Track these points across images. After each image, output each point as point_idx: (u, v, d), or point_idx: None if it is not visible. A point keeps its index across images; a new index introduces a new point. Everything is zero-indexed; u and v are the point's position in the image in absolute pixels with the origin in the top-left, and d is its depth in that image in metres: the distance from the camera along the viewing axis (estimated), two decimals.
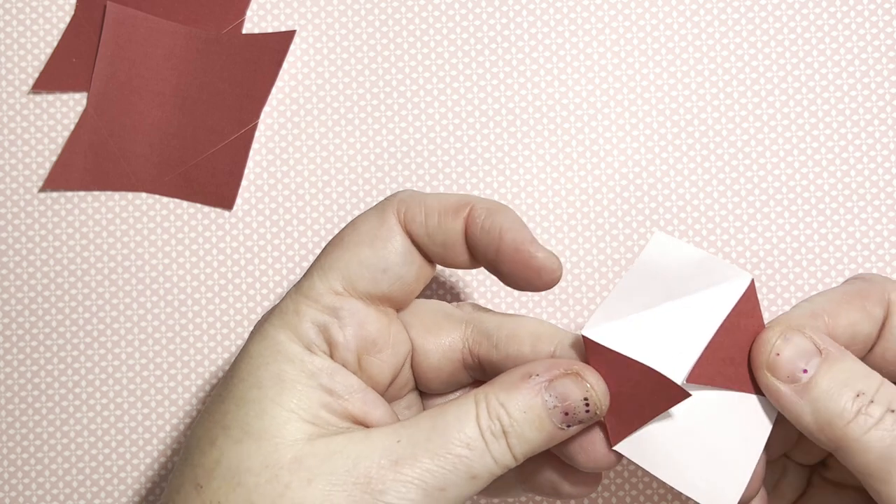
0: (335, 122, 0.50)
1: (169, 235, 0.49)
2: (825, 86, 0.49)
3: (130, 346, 0.49)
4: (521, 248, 0.36)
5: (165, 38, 0.50)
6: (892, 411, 0.33)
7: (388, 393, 0.38)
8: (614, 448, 0.35)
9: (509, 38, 0.50)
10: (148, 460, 0.49)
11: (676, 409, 0.35)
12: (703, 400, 0.36)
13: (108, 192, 0.50)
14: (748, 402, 0.36)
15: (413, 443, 0.33)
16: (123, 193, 0.50)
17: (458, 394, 0.40)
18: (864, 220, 0.48)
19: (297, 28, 0.50)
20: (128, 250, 0.49)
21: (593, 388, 0.35)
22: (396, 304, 0.37)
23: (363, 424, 0.35)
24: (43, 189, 0.50)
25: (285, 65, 0.50)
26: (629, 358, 0.35)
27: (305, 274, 0.37)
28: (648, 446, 0.35)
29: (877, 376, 0.34)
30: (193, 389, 0.49)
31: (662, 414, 0.35)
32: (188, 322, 0.49)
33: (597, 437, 0.36)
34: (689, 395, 0.34)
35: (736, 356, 0.36)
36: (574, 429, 0.35)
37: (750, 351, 0.36)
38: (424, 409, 0.40)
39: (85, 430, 0.49)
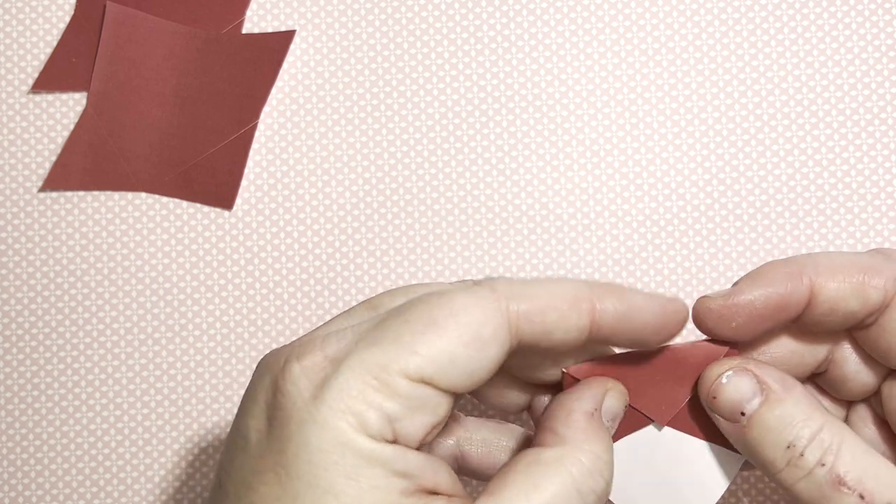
0: (335, 122, 0.50)
1: (169, 235, 0.49)
2: (825, 86, 0.49)
3: (130, 346, 0.49)
4: (670, 323, 0.35)
5: (165, 38, 0.50)
6: (823, 465, 0.33)
7: None
8: None
9: (509, 38, 0.50)
10: (148, 460, 0.49)
11: (641, 441, 0.35)
12: (670, 437, 0.36)
13: (108, 192, 0.50)
14: (715, 448, 0.36)
15: None
16: (123, 193, 0.50)
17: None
18: (865, 220, 0.48)
19: (297, 28, 0.50)
20: (128, 250, 0.49)
21: (623, 394, 0.35)
22: (457, 396, 0.34)
23: (435, 493, 0.33)
24: (42, 189, 0.50)
25: (285, 65, 0.50)
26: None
27: (372, 339, 0.32)
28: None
29: (817, 420, 0.34)
30: (193, 389, 0.49)
31: (626, 442, 0.35)
32: (188, 322, 0.49)
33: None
34: (651, 421, 0.35)
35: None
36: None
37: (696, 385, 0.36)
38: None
39: (85, 430, 0.49)
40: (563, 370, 0.35)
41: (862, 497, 0.32)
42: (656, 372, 0.35)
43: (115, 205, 0.50)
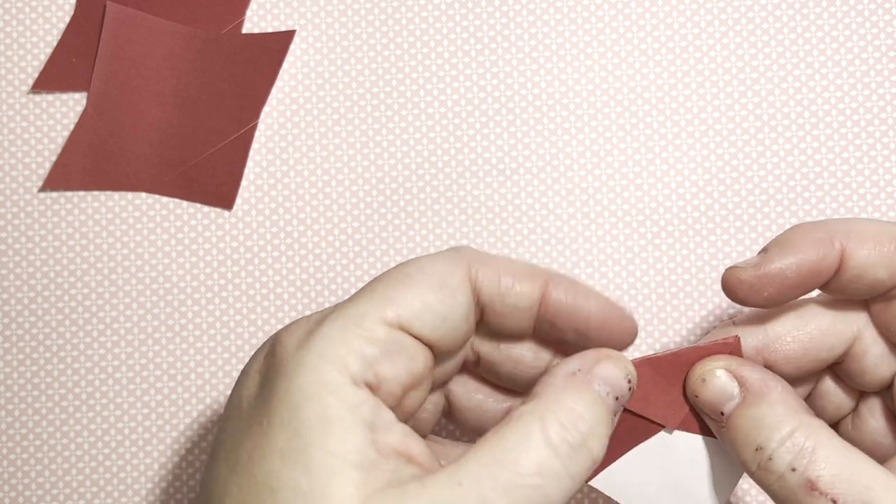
0: (335, 122, 0.50)
1: (169, 235, 0.49)
2: (825, 86, 0.49)
3: (130, 346, 0.49)
4: (612, 325, 0.36)
5: (165, 38, 0.50)
6: (794, 469, 0.33)
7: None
8: (590, 483, 0.36)
9: (509, 38, 0.50)
10: (148, 460, 0.49)
11: (653, 447, 0.35)
12: (681, 439, 0.36)
13: (108, 192, 0.50)
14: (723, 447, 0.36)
15: (477, 482, 0.31)
16: (123, 193, 0.50)
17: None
18: None
19: (297, 28, 0.50)
20: (128, 250, 0.49)
21: (627, 365, 0.35)
22: (436, 351, 0.36)
23: (405, 458, 0.33)
24: (43, 189, 0.50)
25: (285, 65, 0.50)
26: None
27: (352, 299, 0.34)
28: (623, 480, 0.36)
29: (789, 423, 0.33)
30: (193, 389, 0.49)
31: (639, 450, 0.35)
32: (188, 322, 0.49)
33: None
34: (662, 427, 0.35)
35: None
36: (618, 416, 0.34)
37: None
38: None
39: (85, 430, 0.49)
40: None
41: (835, 501, 0.32)
42: (663, 378, 0.36)
43: (115, 205, 0.50)
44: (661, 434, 0.36)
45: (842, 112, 0.49)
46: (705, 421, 0.36)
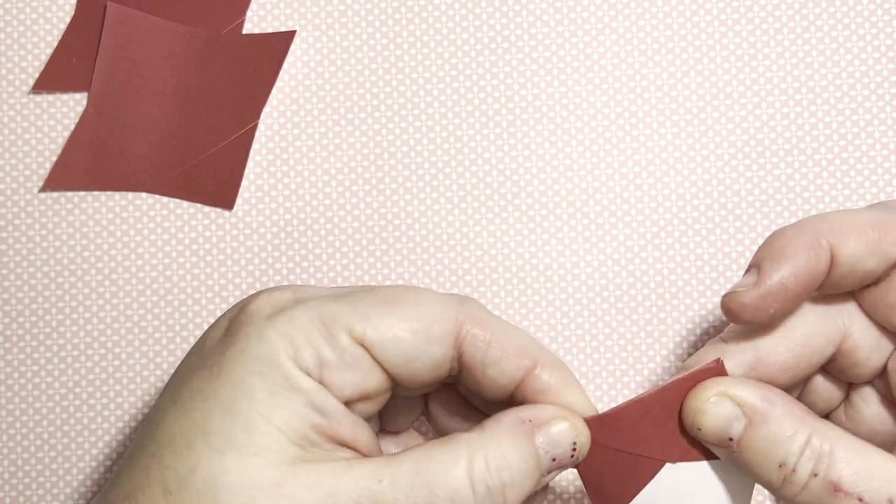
0: (335, 122, 0.50)
1: (169, 235, 0.49)
2: (825, 86, 0.49)
3: (130, 346, 0.49)
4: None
5: (166, 38, 0.50)
6: (816, 475, 0.33)
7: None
8: None
9: (509, 39, 0.50)
10: None
11: (661, 484, 0.35)
12: (686, 470, 0.36)
13: (108, 192, 0.50)
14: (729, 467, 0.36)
15: (395, 486, 0.32)
16: (123, 193, 0.50)
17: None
18: None
19: (297, 28, 0.50)
20: (128, 250, 0.50)
21: (581, 432, 0.34)
22: (397, 380, 0.36)
23: (350, 448, 0.34)
24: (43, 189, 0.50)
25: (285, 65, 0.50)
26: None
27: (336, 296, 0.35)
28: None
29: (804, 432, 0.33)
30: None
31: (648, 490, 0.35)
32: (188, 322, 0.49)
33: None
34: (663, 462, 0.35)
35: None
36: (552, 475, 0.34)
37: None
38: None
39: (85, 430, 0.49)
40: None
41: (861, 499, 0.32)
42: (654, 415, 0.35)
43: (115, 205, 0.50)
44: (666, 469, 0.35)
45: (841, 112, 0.49)
46: (713, 451, 0.35)
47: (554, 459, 0.34)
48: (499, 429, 0.34)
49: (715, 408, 0.34)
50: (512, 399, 0.36)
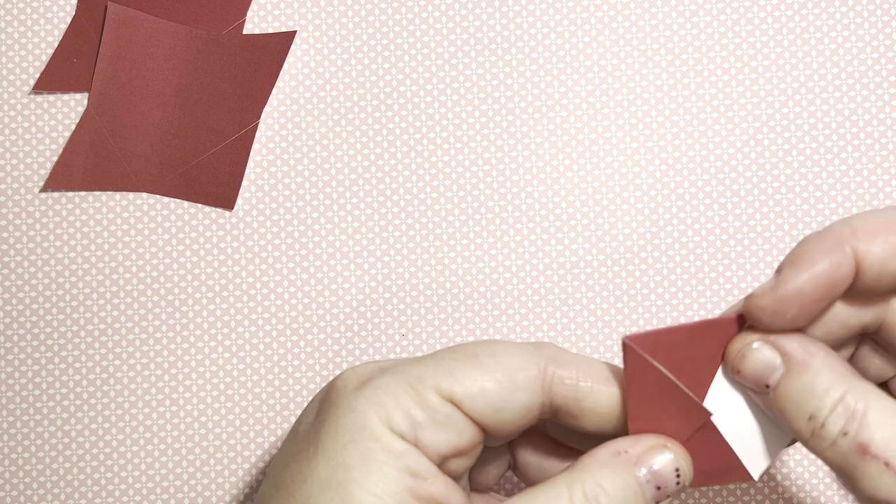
0: (335, 123, 0.50)
1: (170, 235, 0.49)
2: (824, 86, 0.49)
3: (131, 346, 0.49)
4: None
5: (166, 39, 0.50)
6: (846, 433, 0.32)
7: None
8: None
9: (509, 39, 0.50)
10: (149, 460, 0.49)
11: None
12: (727, 412, 0.36)
13: (109, 192, 0.50)
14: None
15: None
16: (124, 193, 0.50)
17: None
18: None
19: (297, 28, 0.50)
20: (129, 250, 0.50)
21: (681, 458, 0.35)
22: (488, 432, 0.36)
23: None
24: (44, 189, 0.50)
25: (286, 65, 0.50)
26: (670, 380, 0.35)
27: (419, 359, 0.35)
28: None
29: (839, 388, 0.33)
30: (194, 389, 0.49)
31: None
32: (188, 322, 0.49)
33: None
34: (710, 414, 0.34)
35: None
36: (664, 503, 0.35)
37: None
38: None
39: (86, 430, 0.49)
40: (623, 338, 0.35)
41: (888, 464, 0.32)
42: (703, 344, 0.35)
43: (116, 205, 0.50)
44: (707, 404, 0.35)
45: (840, 112, 0.49)
46: (749, 395, 0.35)
47: (659, 488, 0.34)
48: (594, 463, 0.34)
49: (757, 353, 0.34)
50: (614, 431, 0.36)
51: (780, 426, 0.35)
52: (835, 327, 0.36)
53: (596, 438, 0.37)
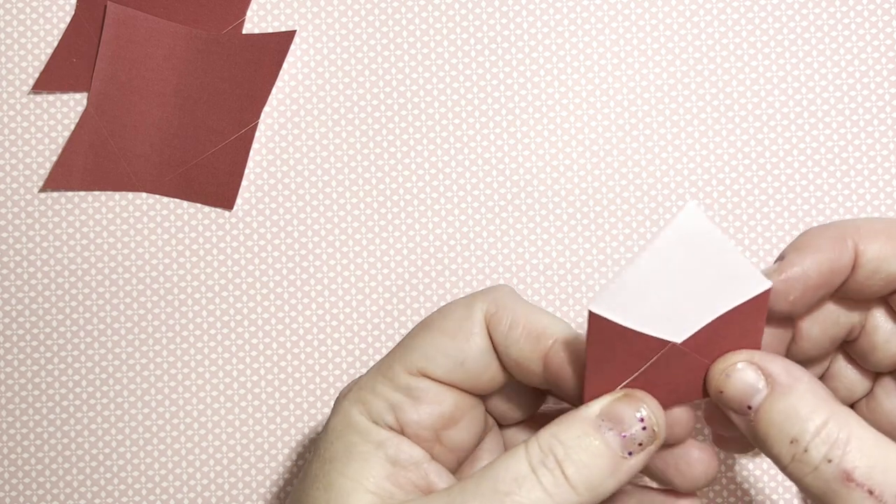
0: (335, 123, 0.50)
1: (169, 235, 0.49)
2: (825, 86, 0.49)
3: (131, 346, 0.49)
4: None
5: (166, 39, 0.50)
6: (830, 461, 0.32)
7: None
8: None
9: (509, 39, 0.50)
10: (148, 460, 0.49)
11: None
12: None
13: (109, 192, 0.50)
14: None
15: (462, 490, 0.33)
16: (124, 193, 0.50)
17: None
18: None
19: (297, 28, 0.50)
20: (128, 250, 0.50)
21: (647, 405, 0.34)
22: (472, 392, 0.37)
23: (428, 492, 0.35)
24: (43, 189, 0.50)
25: (285, 65, 0.50)
26: (630, 329, 0.33)
27: (388, 353, 0.37)
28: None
29: (822, 413, 0.33)
30: (194, 389, 0.49)
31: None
32: (188, 322, 0.49)
33: (692, 455, 0.36)
34: (677, 342, 0.34)
35: (718, 351, 0.35)
36: (640, 458, 0.34)
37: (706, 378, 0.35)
38: None
39: (85, 430, 0.49)
40: (589, 309, 0.34)
41: (871, 492, 0.32)
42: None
43: (115, 205, 0.50)
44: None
45: (841, 112, 0.49)
46: (729, 416, 0.35)
47: (624, 436, 0.34)
48: (552, 422, 0.34)
49: (741, 374, 0.34)
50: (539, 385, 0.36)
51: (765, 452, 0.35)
52: (827, 325, 0.37)
53: None
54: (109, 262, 0.49)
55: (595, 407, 0.34)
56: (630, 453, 0.34)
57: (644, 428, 0.34)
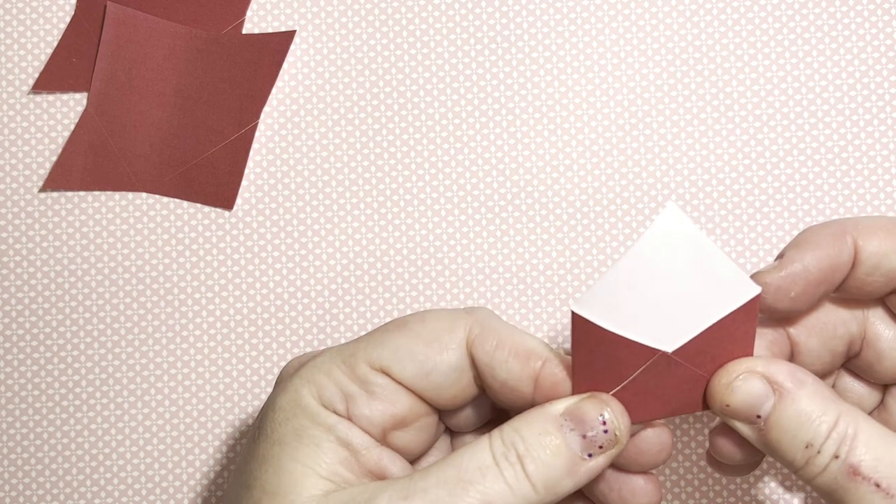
0: (335, 122, 0.50)
1: (169, 235, 0.49)
2: (825, 86, 0.49)
3: (130, 346, 0.49)
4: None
5: (166, 39, 0.50)
6: (837, 457, 0.32)
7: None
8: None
9: (509, 39, 0.50)
10: (148, 460, 0.49)
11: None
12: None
13: (109, 192, 0.50)
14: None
15: (425, 476, 0.33)
16: (123, 193, 0.50)
17: None
18: None
19: (297, 28, 0.50)
20: (128, 250, 0.50)
21: (611, 408, 0.34)
22: (429, 404, 0.36)
23: (381, 477, 0.35)
24: (43, 189, 0.50)
25: (285, 65, 0.50)
26: (615, 335, 0.33)
27: (354, 340, 0.36)
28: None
29: (832, 413, 0.33)
30: (193, 389, 0.49)
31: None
32: (188, 322, 0.49)
33: (637, 484, 0.36)
34: (666, 350, 0.34)
35: (711, 360, 0.35)
36: (599, 460, 0.34)
37: (706, 391, 0.35)
38: None
39: (85, 430, 0.49)
40: (571, 309, 0.34)
41: (878, 485, 0.32)
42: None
43: (115, 205, 0.50)
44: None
45: (841, 112, 0.49)
46: (736, 430, 0.35)
47: (584, 436, 0.33)
48: (516, 417, 0.34)
49: (746, 384, 0.34)
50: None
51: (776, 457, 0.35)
52: (825, 337, 0.37)
53: None
54: (109, 262, 0.49)
55: (560, 405, 0.34)
56: (590, 455, 0.33)
57: (606, 431, 0.34)
